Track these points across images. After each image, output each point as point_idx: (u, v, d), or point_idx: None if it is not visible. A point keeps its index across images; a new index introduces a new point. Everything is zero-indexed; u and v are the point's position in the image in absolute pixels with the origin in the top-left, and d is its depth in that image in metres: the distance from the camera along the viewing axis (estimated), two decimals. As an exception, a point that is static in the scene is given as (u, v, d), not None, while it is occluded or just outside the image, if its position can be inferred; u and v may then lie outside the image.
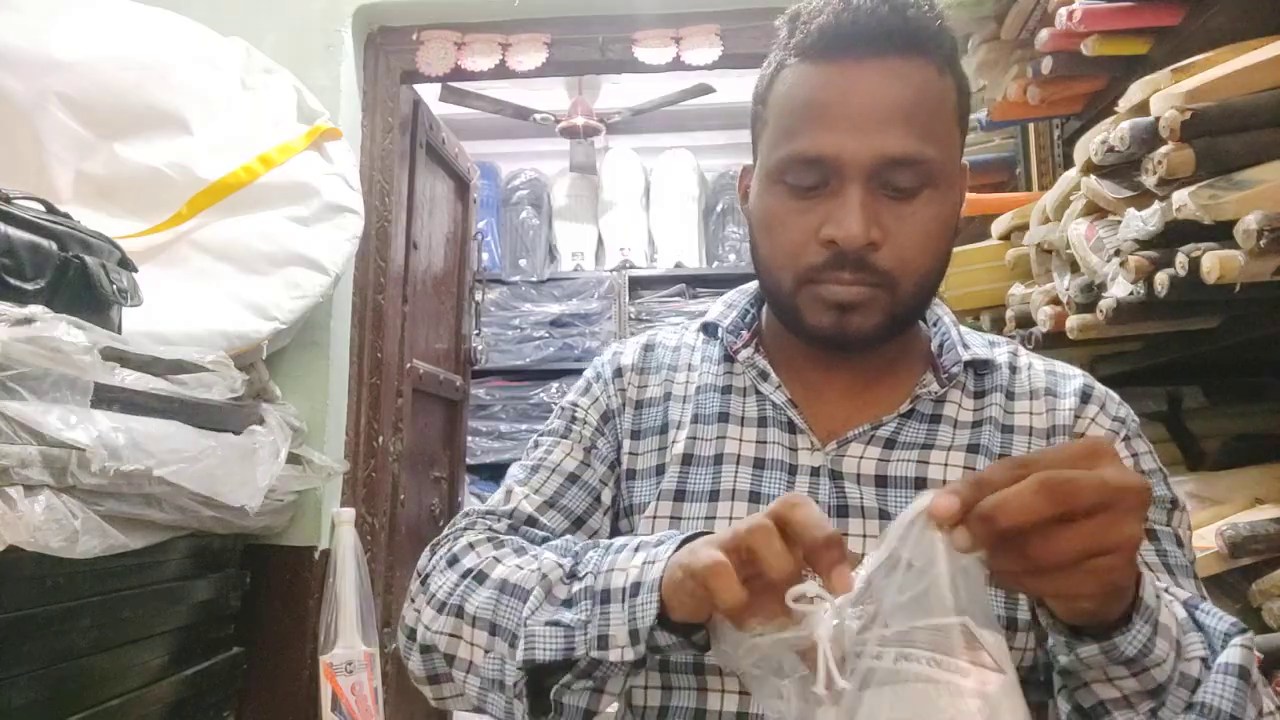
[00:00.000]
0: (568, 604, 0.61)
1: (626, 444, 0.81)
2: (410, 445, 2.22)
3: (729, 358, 0.80)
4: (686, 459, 0.76)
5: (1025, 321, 1.34)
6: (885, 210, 0.67)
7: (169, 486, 1.29)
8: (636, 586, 0.57)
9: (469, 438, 3.06)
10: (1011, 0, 1.32)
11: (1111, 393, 0.76)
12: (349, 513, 1.88)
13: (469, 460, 2.92)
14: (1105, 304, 1.05)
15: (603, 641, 0.57)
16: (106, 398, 1.22)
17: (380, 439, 2.06)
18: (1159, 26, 1.14)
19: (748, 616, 0.49)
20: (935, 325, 0.80)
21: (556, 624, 0.60)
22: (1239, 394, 1.45)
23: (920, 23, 0.68)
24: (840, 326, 0.69)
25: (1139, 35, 1.16)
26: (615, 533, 0.80)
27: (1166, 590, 0.60)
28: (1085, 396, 0.74)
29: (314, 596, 1.80)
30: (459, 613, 0.67)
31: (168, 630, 1.46)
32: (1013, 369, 0.77)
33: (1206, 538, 0.96)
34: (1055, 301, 1.23)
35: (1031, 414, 0.74)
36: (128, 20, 1.76)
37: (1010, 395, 0.75)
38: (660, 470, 0.77)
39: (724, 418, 0.77)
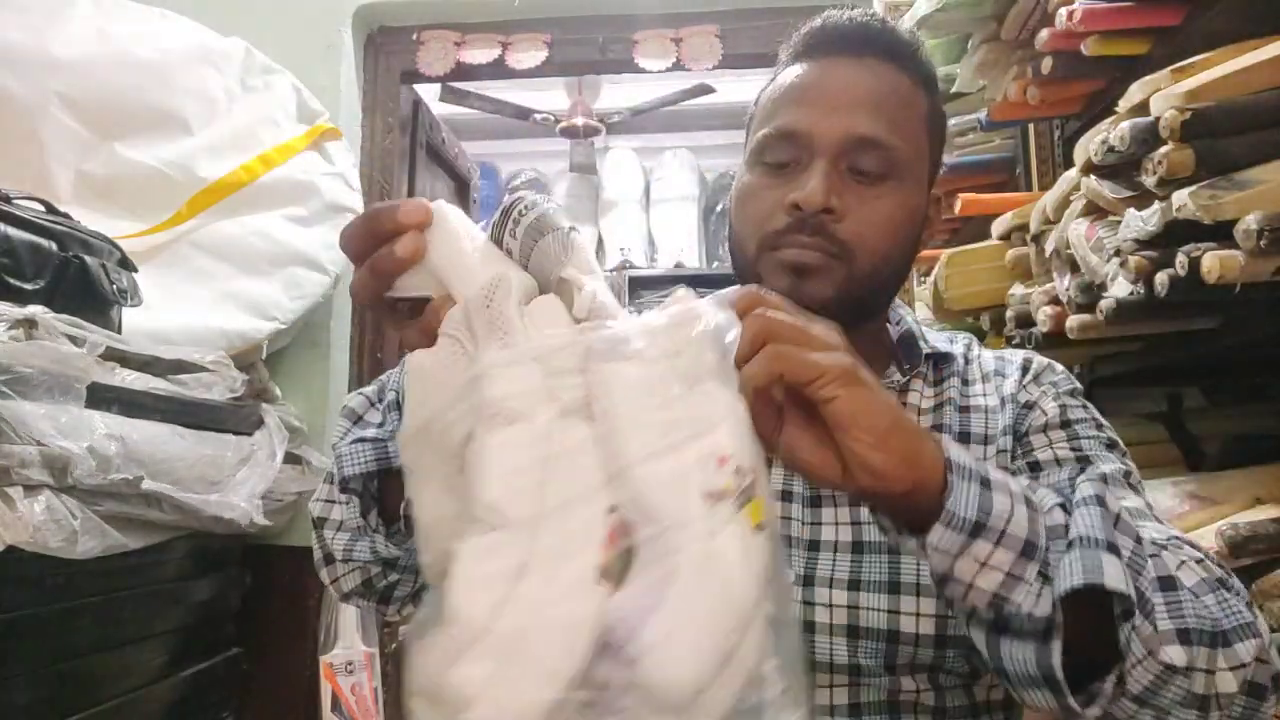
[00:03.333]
0: (381, 425, 0.68)
1: None
2: (410, 445, 2.22)
3: None
4: None
5: (1025, 321, 1.34)
6: (849, 189, 0.72)
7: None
8: None
9: (469, 438, 3.05)
10: (1011, 0, 1.32)
11: (1054, 363, 0.81)
12: (349, 513, 1.88)
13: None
14: (1105, 304, 1.05)
15: None
16: (106, 398, 1.22)
17: (380, 439, 2.05)
18: (1159, 26, 1.14)
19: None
20: (899, 324, 0.83)
21: (361, 440, 0.68)
22: (1239, 394, 1.45)
23: (899, 38, 0.77)
24: (795, 293, 0.70)
25: (1139, 35, 1.16)
26: None
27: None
28: (1025, 369, 0.80)
29: (314, 596, 1.80)
30: (329, 477, 0.73)
31: (167, 630, 1.46)
32: (966, 360, 0.82)
33: (1206, 538, 0.96)
34: (1055, 301, 1.22)
35: (985, 395, 0.79)
36: (128, 20, 1.76)
37: (966, 381, 0.80)
38: None
39: None
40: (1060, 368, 0.80)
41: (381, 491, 0.71)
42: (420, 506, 0.43)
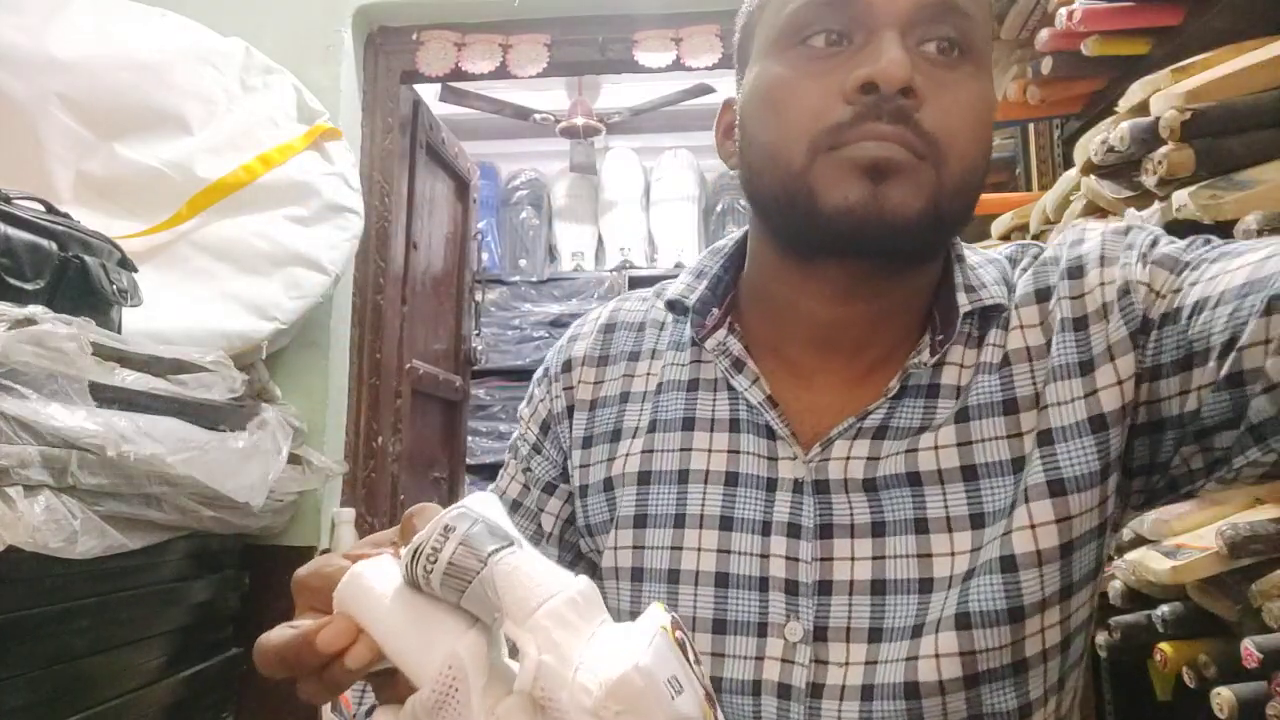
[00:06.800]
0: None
1: (576, 455, 0.69)
2: (410, 446, 2.22)
3: (698, 342, 0.66)
4: (645, 477, 0.64)
5: (1025, 322, 1.34)
6: (926, 71, 0.54)
7: (169, 487, 1.29)
8: None
9: (469, 438, 3.07)
10: (1011, 0, 1.32)
11: (1108, 228, 0.60)
12: (349, 513, 1.88)
13: (469, 460, 2.93)
14: (1105, 304, 1.04)
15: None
16: (106, 397, 1.22)
17: (380, 439, 2.06)
18: (1159, 26, 1.14)
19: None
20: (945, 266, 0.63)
21: None
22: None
23: None
24: (874, 203, 0.52)
25: (1139, 35, 1.16)
26: (578, 556, 0.70)
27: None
28: (1076, 270, 0.58)
29: (314, 597, 1.80)
30: None
31: (167, 631, 1.46)
32: (1011, 289, 0.62)
33: (1206, 538, 0.96)
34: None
35: (1024, 329, 0.59)
36: (128, 20, 1.76)
37: (1008, 325, 0.60)
38: (607, 486, 0.66)
39: (689, 424, 0.64)
40: (1115, 229, 0.59)
41: None
42: None
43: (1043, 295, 0.60)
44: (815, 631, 0.57)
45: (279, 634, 0.41)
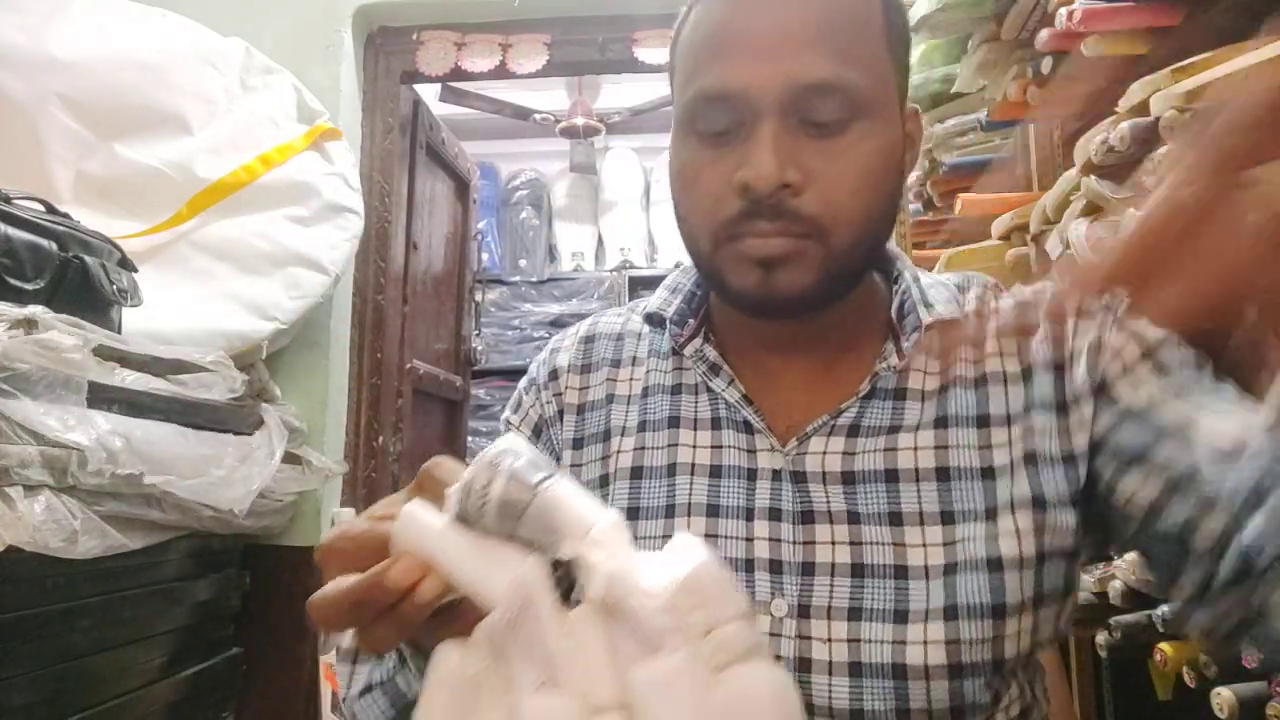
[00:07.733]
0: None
1: (568, 455, 0.73)
2: (410, 445, 2.22)
3: (677, 350, 0.72)
4: (637, 472, 0.69)
5: (1025, 321, 1.34)
6: (807, 149, 0.59)
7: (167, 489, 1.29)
8: None
9: (469, 438, 3.06)
10: (1011, 0, 1.32)
11: None
12: (349, 513, 1.88)
13: (469, 460, 2.92)
14: (1105, 304, 1.04)
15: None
16: (106, 398, 1.22)
17: (380, 439, 2.06)
18: (1159, 26, 1.14)
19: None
20: (897, 282, 0.69)
21: (369, 689, 0.61)
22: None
23: None
24: (766, 287, 0.60)
25: (1139, 35, 1.16)
26: None
27: None
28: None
29: (314, 596, 1.80)
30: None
31: (168, 630, 1.46)
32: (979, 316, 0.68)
33: (1206, 538, 0.96)
34: (1055, 301, 1.22)
35: (1003, 356, 0.65)
36: (128, 20, 1.76)
37: (978, 345, 0.66)
38: (604, 482, 0.71)
39: (674, 422, 0.70)
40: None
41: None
42: None
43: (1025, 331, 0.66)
44: (799, 609, 0.61)
45: (340, 583, 0.42)
